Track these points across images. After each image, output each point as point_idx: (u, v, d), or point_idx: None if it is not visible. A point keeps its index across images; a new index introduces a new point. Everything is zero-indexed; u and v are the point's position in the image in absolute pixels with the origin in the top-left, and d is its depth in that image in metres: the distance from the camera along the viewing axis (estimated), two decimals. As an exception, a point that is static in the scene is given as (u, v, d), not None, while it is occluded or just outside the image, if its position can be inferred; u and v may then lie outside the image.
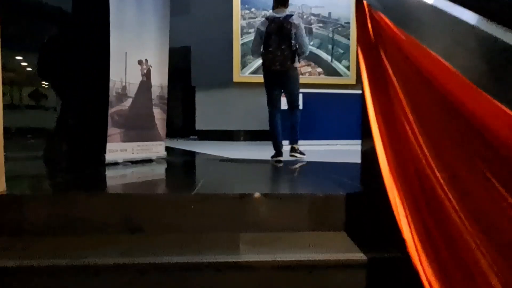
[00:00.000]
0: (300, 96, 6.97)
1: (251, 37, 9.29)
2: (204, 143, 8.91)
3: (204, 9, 9.60)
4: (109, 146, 2.96)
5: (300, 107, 3.93)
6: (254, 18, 9.27)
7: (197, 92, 10.10)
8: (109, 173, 2.78)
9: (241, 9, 9.24)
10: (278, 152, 3.58)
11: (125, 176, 2.71)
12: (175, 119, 14.14)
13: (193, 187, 2.05)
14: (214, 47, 9.37)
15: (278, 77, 3.57)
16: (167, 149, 3.75)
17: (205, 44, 9.59)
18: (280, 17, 3.56)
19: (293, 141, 3.67)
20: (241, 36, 9.19)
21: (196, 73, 9.61)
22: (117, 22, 2.97)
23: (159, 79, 3.48)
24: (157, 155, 3.49)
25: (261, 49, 3.60)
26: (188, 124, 11.76)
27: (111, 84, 2.94)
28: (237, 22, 9.24)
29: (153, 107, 3.43)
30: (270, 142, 3.68)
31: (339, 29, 9.63)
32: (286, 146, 3.70)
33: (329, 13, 9.61)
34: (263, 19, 3.81)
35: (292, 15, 3.62)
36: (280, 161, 3.49)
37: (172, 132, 13.11)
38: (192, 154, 4.90)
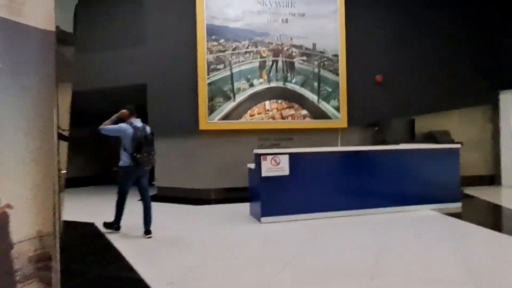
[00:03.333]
0: (286, 158, 5.44)
1: (220, 74, 7.64)
2: (164, 208, 7.06)
3: (163, 40, 7.86)
4: None
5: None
6: (224, 51, 7.58)
7: (156, 141, 8.27)
8: None
9: (207, 41, 7.51)
10: (119, 226, 4.97)
11: None
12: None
13: None
14: (176, 86, 7.67)
15: (141, 174, 4.80)
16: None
17: (164, 82, 7.86)
18: (140, 127, 4.77)
19: (149, 225, 4.82)
20: (208, 74, 7.45)
21: (154, 117, 7.77)
22: None
23: (33, 224, 1.73)
24: None
25: (132, 152, 4.61)
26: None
27: None
28: (203, 56, 7.49)
29: (19, 285, 1.67)
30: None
31: (326, 63, 8.08)
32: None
33: (314, 45, 8.03)
34: (128, 125, 4.74)
35: (145, 124, 4.94)
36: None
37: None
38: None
